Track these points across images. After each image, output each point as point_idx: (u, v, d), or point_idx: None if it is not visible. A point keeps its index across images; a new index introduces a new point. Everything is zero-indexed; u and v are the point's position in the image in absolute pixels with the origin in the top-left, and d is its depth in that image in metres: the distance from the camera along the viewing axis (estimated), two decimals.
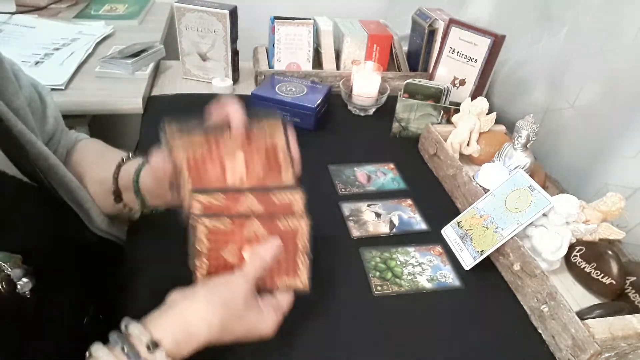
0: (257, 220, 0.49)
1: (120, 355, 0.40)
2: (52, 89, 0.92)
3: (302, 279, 0.50)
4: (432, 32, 1.11)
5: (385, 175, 0.87)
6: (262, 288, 0.50)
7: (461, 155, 0.91)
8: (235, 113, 0.50)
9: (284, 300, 0.51)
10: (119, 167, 0.60)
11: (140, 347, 0.41)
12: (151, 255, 0.65)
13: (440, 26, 1.09)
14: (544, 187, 0.77)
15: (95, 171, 0.63)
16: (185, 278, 0.49)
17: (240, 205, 0.49)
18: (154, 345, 0.41)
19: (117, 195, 0.61)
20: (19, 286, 0.42)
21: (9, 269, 0.41)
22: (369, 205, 0.79)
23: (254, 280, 0.47)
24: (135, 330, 0.42)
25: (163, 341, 0.41)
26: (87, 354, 0.41)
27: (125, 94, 0.98)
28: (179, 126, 0.48)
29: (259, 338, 0.49)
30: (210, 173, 0.49)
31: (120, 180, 0.60)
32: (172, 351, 0.42)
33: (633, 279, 0.64)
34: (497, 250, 0.67)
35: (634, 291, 0.63)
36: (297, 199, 0.50)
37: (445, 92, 0.97)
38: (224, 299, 0.45)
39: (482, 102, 0.90)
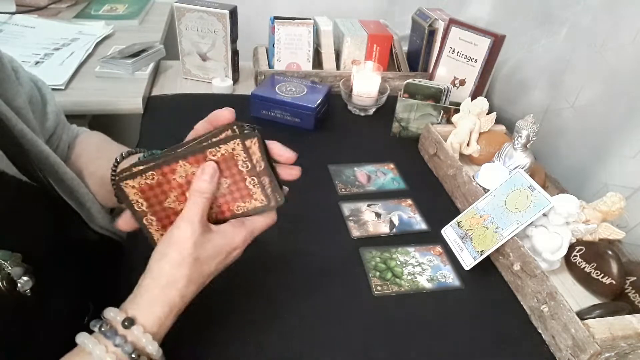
0: (186, 161, 0.45)
1: (99, 336, 0.41)
2: (52, 89, 0.92)
3: (258, 199, 0.48)
4: (432, 32, 1.11)
5: (385, 175, 0.87)
6: (222, 219, 0.49)
7: (461, 155, 0.91)
8: (223, 116, 0.47)
9: (253, 219, 0.49)
10: (115, 167, 0.59)
11: (117, 326, 0.42)
12: (151, 253, 0.65)
13: (440, 26, 1.09)
14: (544, 187, 0.77)
15: (95, 168, 0.63)
16: None
17: (177, 174, 0.46)
18: (130, 322, 0.41)
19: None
20: (19, 284, 0.42)
21: (9, 267, 0.41)
22: (369, 205, 0.79)
23: (199, 218, 0.45)
24: (111, 313, 0.42)
25: (138, 317, 0.42)
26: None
27: (125, 94, 0.98)
28: (130, 174, 0.45)
29: (236, 255, 0.48)
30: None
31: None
32: (150, 326, 0.42)
33: (633, 279, 0.64)
34: (497, 250, 0.67)
35: (634, 291, 0.63)
36: (237, 150, 0.46)
37: (445, 92, 0.97)
38: (176, 259, 0.44)
39: (482, 102, 0.90)
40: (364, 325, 0.59)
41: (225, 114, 0.47)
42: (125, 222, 0.49)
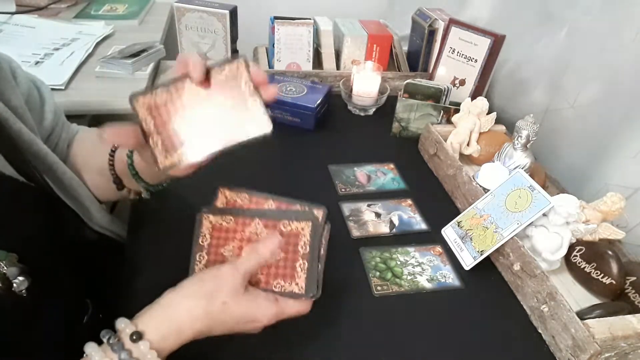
0: (260, 221, 0.49)
1: (106, 348, 0.41)
2: (52, 89, 0.92)
3: (299, 284, 0.49)
4: (432, 32, 1.11)
5: (385, 175, 0.87)
6: (256, 288, 0.50)
7: (461, 155, 0.91)
8: (194, 62, 0.45)
9: (288, 301, 0.49)
10: (112, 155, 0.59)
11: (125, 339, 0.41)
12: (151, 252, 0.65)
13: (440, 26, 1.09)
14: (544, 187, 0.77)
15: (93, 162, 0.63)
16: (185, 276, 0.49)
17: (247, 229, 0.50)
18: (138, 336, 0.41)
19: (118, 183, 0.61)
20: (14, 285, 0.42)
21: (5, 267, 0.41)
22: (369, 205, 0.79)
23: (246, 272, 0.46)
24: (122, 324, 0.42)
25: (147, 333, 0.42)
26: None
27: (125, 94, 0.96)
28: (142, 91, 0.46)
29: (255, 328, 0.48)
30: (177, 127, 0.46)
31: (116, 167, 0.60)
32: (157, 343, 0.42)
33: (633, 279, 0.64)
34: (497, 250, 0.67)
35: (634, 291, 0.63)
36: (305, 230, 0.49)
37: (445, 92, 0.97)
38: (209, 290, 0.45)
39: (482, 102, 0.90)
40: (364, 325, 0.59)
41: (194, 60, 0.45)
42: (112, 132, 0.47)
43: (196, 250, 0.49)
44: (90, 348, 0.41)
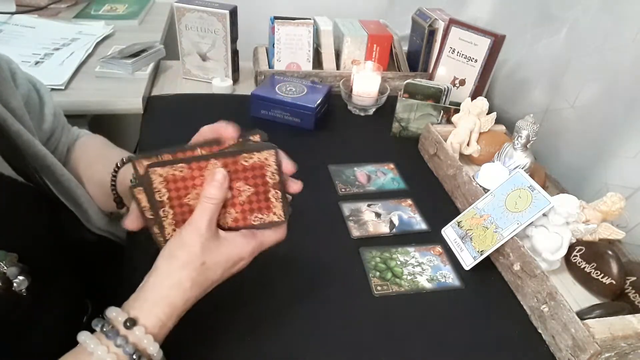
0: (217, 161, 0.45)
1: (100, 336, 0.41)
2: (52, 89, 0.92)
3: (277, 213, 0.48)
4: (432, 32, 1.11)
5: (385, 175, 0.87)
6: (236, 228, 0.49)
7: (461, 155, 0.91)
8: (228, 132, 0.47)
9: (265, 232, 0.49)
10: (115, 173, 0.59)
11: (119, 326, 0.41)
12: (151, 254, 0.65)
13: (440, 26, 1.09)
14: (544, 187, 0.77)
15: (94, 173, 0.63)
16: None
17: (206, 172, 0.46)
18: (132, 323, 0.41)
19: (119, 202, 0.61)
20: (14, 284, 0.42)
21: (5, 267, 0.41)
22: (369, 205, 0.79)
23: (209, 223, 0.45)
24: (113, 312, 0.42)
25: (141, 318, 0.42)
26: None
27: (125, 94, 0.98)
28: (151, 157, 0.45)
29: (242, 265, 0.48)
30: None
31: (118, 186, 0.60)
32: (151, 327, 0.42)
33: (633, 279, 0.64)
34: (497, 250, 0.67)
35: (634, 291, 0.63)
36: (269, 160, 0.46)
37: (445, 92, 0.97)
38: (182, 260, 0.44)
39: (482, 102, 0.90)
40: (364, 325, 0.59)
41: (229, 130, 0.47)
42: (131, 222, 0.49)
43: (157, 208, 0.46)
44: (83, 336, 0.41)
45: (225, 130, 0.47)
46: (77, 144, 0.68)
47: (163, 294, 0.44)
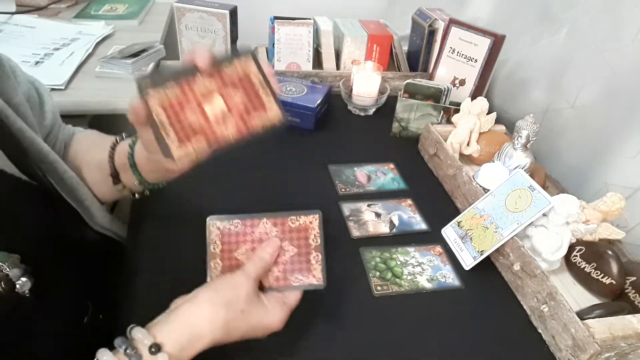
0: (268, 220, 0.50)
1: (122, 357, 0.41)
2: (52, 89, 0.92)
3: (316, 276, 0.51)
4: (432, 32, 1.11)
5: (385, 175, 0.87)
6: (277, 287, 0.51)
7: (461, 155, 0.91)
8: (201, 54, 0.47)
9: (291, 296, 0.51)
10: (113, 147, 0.60)
11: (143, 351, 0.41)
12: (151, 253, 0.65)
13: (440, 26, 1.09)
14: (544, 187, 0.77)
15: (92, 157, 0.63)
16: (185, 277, 0.49)
17: (257, 230, 0.51)
18: (157, 349, 0.41)
19: (115, 176, 0.61)
20: (17, 286, 0.42)
21: (8, 269, 0.41)
22: (369, 205, 0.79)
23: (256, 278, 0.48)
24: (139, 334, 0.42)
25: (166, 345, 0.42)
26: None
27: (125, 94, 0.98)
28: (151, 79, 0.46)
29: (266, 333, 0.49)
30: (190, 118, 0.47)
31: (116, 159, 0.60)
32: (175, 354, 0.42)
33: (633, 279, 0.64)
34: (497, 250, 0.67)
35: (634, 291, 0.63)
36: (314, 224, 0.51)
37: (445, 92, 0.97)
38: (226, 299, 0.45)
39: (482, 102, 0.90)
40: (364, 325, 0.59)
41: (203, 58, 0.46)
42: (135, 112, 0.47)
43: (210, 259, 0.50)
44: (106, 356, 0.40)
45: (199, 57, 0.46)
46: (74, 139, 0.68)
47: (194, 323, 0.44)
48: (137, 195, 0.63)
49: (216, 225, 0.50)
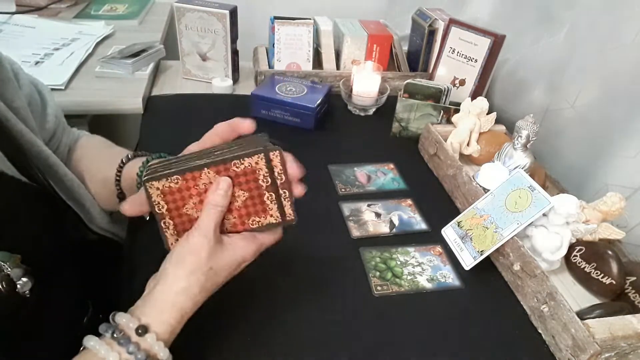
0: (210, 169, 0.47)
1: (111, 342, 0.41)
2: (52, 89, 0.92)
3: (273, 215, 0.49)
4: (432, 32, 1.11)
5: (385, 175, 0.87)
6: (235, 232, 0.49)
7: (461, 155, 0.91)
8: (245, 127, 0.49)
9: (263, 237, 0.50)
10: (120, 169, 0.60)
11: (130, 333, 0.41)
12: (151, 254, 0.65)
13: (440, 26, 1.09)
14: (544, 187, 0.77)
15: (97, 170, 0.63)
16: None
17: (200, 181, 0.47)
18: (144, 330, 0.41)
19: (122, 198, 0.61)
20: (18, 286, 0.42)
21: (9, 269, 0.41)
22: (369, 205, 0.79)
23: (214, 229, 0.46)
24: (123, 319, 0.42)
25: (152, 325, 0.42)
26: (82, 348, 0.41)
27: (125, 94, 0.98)
28: (156, 171, 0.47)
29: (242, 267, 0.49)
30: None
31: (123, 182, 0.60)
32: (162, 333, 0.42)
33: (633, 279, 0.64)
34: (497, 250, 0.67)
35: (634, 291, 0.63)
36: (260, 164, 0.47)
37: (445, 92, 0.97)
38: (191, 267, 0.45)
39: (482, 102, 0.90)
40: (364, 325, 0.59)
41: (246, 124, 0.49)
42: (130, 206, 0.49)
43: (159, 219, 0.48)
44: (93, 341, 0.41)
45: (242, 126, 0.49)
46: (77, 145, 0.68)
47: (173, 300, 0.44)
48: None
49: (154, 186, 0.46)
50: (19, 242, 0.44)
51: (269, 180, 0.47)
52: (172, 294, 0.44)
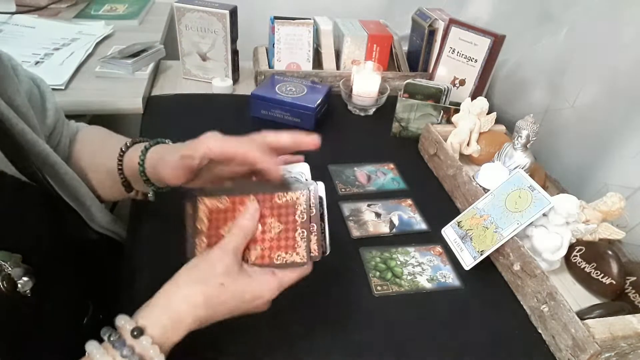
0: (255, 197, 0.49)
1: (107, 346, 0.41)
2: (52, 89, 0.92)
3: (300, 253, 0.49)
4: (432, 32, 1.11)
5: (385, 175, 0.87)
6: (260, 265, 0.49)
7: (461, 155, 0.91)
8: (272, 170, 0.49)
9: (284, 274, 0.49)
10: (120, 158, 0.60)
11: (126, 335, 0.41)
12: (151, 253, 0.65)
13: (440, 26, 1.09)
14: (544, 187, 0.77)
15: (100, 162, 0.63)
16: None
17: (243, 207, 0.50)
18: (139, 332, 0.41)
19: (127, 185, 0.62)
20: (19, 285, 0.42)
21: (10, 268, 0.41)
22: (369, 205, 0.79)
23: (235, 249, 0.46)
24: (122, 321, 0.42)
25: (148, 327, 0.42)
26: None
27: (125, 94, 0.98)
28: (208, 189, 0.50)
29: (258, 304, 0.47)
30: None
31: (125, 171, 0.60)
32: (159, 337, 0.42)
33: (633, 279, 0.64)
34: (497, 250, 0.67)
35: (634, 291, 0.63)
36: (300, 200, 0.49)
37: (445, 92, 0.97)
38: (202, 275, 0.44)
39: (482, 102, 0.90)
40: (364, 325, 0.59)
41: (312, 141, 0.52)
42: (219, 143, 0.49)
43: (194, 235, 0.49)
44: (91, 346, 0.41)
45: (306, 141, 0.52)
46: (78, 137, 0.68)
47: (173, 303, 0.43)
48: (150, 197, 0.63)
49: (204, 202, 0.49)
50: (20, 242, 0.44)
51: (305, 217, 0.49)
52: (174, 298, 0.44)
